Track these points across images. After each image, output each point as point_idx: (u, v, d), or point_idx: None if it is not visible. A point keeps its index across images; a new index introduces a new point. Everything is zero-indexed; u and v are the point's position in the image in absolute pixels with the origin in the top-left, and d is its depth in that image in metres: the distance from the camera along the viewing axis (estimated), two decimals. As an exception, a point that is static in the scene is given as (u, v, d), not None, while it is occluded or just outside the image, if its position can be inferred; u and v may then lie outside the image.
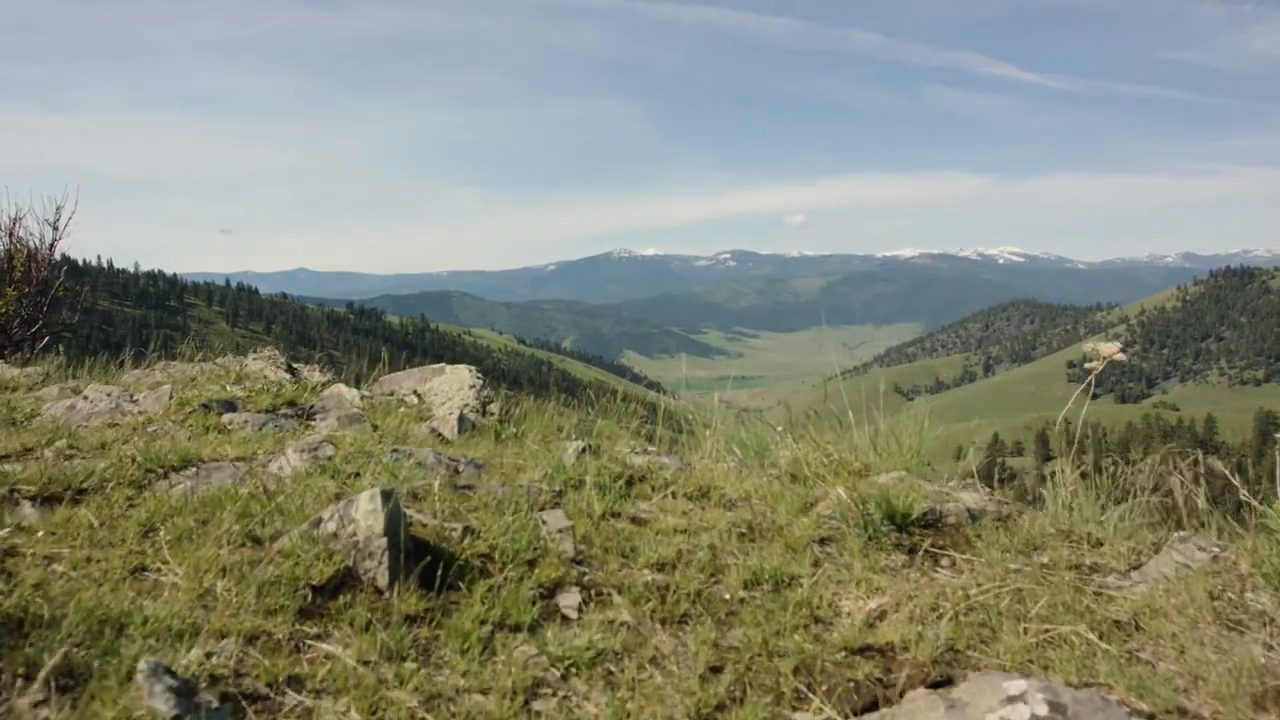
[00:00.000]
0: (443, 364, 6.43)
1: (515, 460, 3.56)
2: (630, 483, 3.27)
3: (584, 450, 3.57)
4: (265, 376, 6.55)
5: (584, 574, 2.34)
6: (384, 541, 2.08)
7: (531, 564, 2.32)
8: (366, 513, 2.12)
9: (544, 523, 2.69)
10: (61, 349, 9.69)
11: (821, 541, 2.80)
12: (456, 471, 3.43)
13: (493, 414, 6.03)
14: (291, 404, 4.20)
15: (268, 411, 4.09)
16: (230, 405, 4.10)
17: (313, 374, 6.97)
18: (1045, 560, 2.63)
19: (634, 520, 2.88)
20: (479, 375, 6.18)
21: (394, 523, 2.12)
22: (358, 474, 3.02)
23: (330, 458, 3.27)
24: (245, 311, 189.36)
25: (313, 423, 4.13)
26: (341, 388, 5.55)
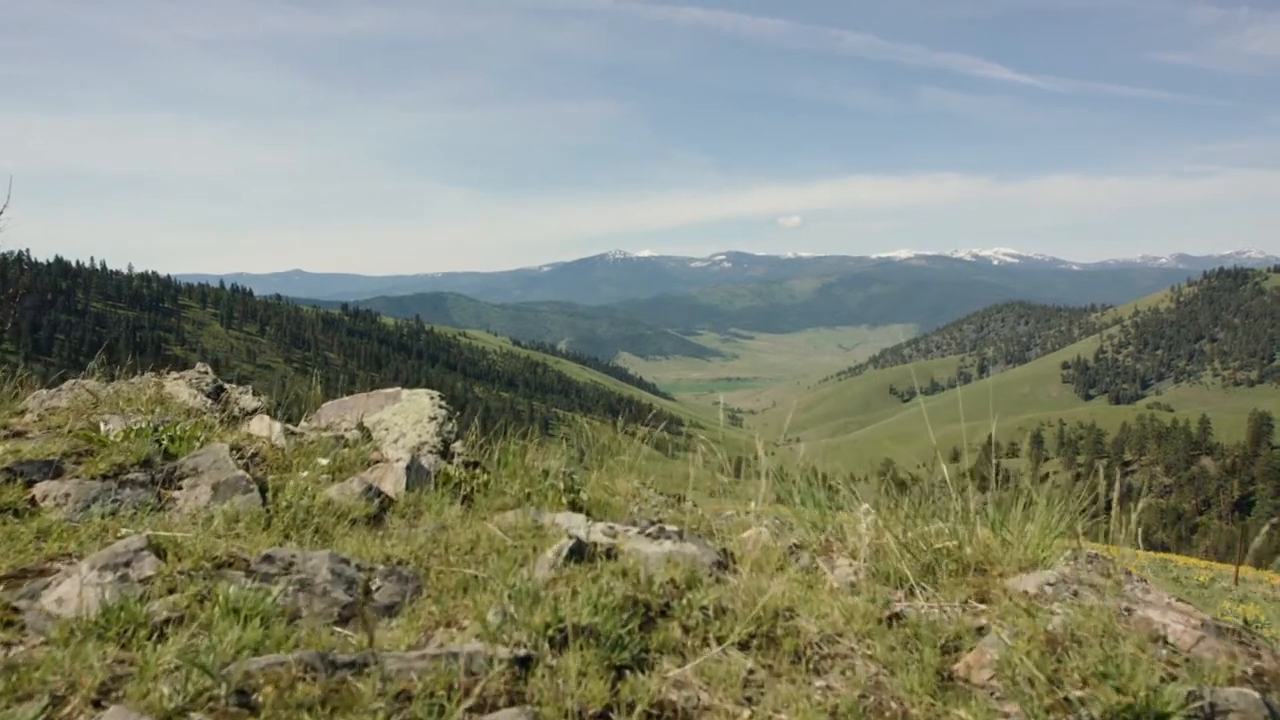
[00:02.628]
0: (398, 388, 5.11)
1: (463, 567, 2.25)
2: (648, 620, 1.96)
3: (570, 552, 2.26)
4: (182, 402, 5.24)
5: None
6: None
7: None
8: None
9: (491, 752, 1.39)
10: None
11: (1011, 771, 1.50)
12: (367, 593, 2.12)
13: (458, 454, 4.72)
14: (146, 464, 2.87)
15: (107, 476, 2.76)
16: (51, 467, 2.78)
17: (243, 397, 5.66)
18: None
19: (660, 722, 1.58)
20: (442, 404, 4.86)
21: None
22: (169, 625, 1.71)
23: (146, 581, 1.96)
24: (240, 313, 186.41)
25: (176, 492, 2.81)
26: (258, 424, 4.23)
